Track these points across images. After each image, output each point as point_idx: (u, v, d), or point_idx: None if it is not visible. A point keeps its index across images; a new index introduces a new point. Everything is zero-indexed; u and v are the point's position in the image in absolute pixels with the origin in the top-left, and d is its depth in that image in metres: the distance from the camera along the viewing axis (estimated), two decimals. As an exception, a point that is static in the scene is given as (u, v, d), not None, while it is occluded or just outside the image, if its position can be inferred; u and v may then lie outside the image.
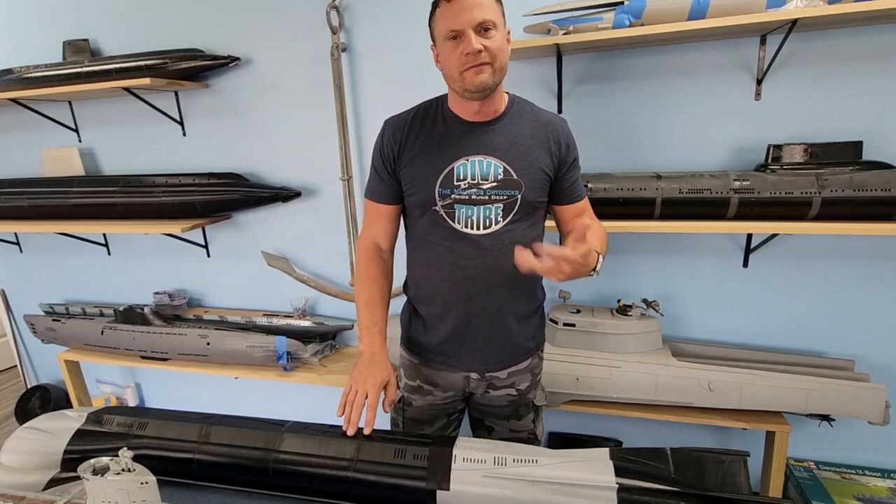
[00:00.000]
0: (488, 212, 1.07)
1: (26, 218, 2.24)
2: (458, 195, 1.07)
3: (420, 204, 1.10)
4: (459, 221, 1.08)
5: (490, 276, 1.10)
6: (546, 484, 0.88)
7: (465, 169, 1.07)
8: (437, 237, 1.11)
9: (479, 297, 1.12)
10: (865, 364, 1.65)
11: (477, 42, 0.96)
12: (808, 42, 1.50)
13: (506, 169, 1.07)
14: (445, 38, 0.99)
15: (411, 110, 1.15)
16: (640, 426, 1.91)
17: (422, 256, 1.16)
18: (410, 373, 1.26)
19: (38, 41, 2.22)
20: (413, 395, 1.25)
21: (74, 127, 2.31)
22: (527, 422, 1.27)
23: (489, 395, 1.23)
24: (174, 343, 2.09)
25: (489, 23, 0.97)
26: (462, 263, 1.10)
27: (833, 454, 1.77)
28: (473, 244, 1.09)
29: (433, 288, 1.15)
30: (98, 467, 0.82)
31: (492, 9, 0.98)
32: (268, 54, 1.98)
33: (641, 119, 1.68)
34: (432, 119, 1.12)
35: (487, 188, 1.06)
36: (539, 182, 1.09)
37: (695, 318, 1.81)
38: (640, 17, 1.47)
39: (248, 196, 2.04)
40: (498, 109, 1.09)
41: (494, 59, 0.99)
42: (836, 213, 1.43)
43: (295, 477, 0.97)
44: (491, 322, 1.14)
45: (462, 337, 1.16)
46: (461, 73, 1.00)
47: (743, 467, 0.89)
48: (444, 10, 0.99)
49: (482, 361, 1.18)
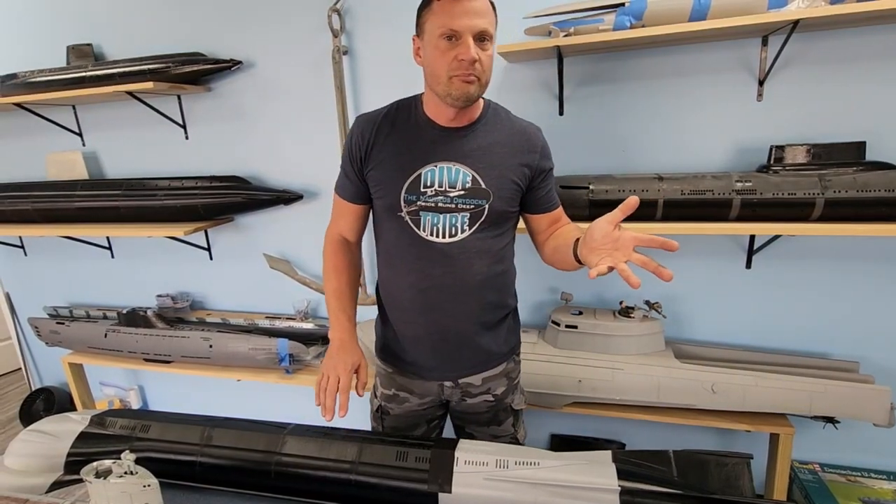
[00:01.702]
0: (454, 220, 1.04)
1: (30, 221, 2.25)
2: (423, 202, 1.04)
3: (386, 208, 1.08)
4: (425, 229, 1.05)
5: (457, 285, 1.08)
6: (548, 487, 0.88)
7: (433, 175, 1.04)
8: (403, 243, 1.08)
9: (447, 304, 1.09)
10: (870, 365, 1.64)
11: (475, 51, 0.93)
12: (810, 42, 1.49)
13: (474, 177, 1.04)
14: (440, 36, 0.94)
15: (383, 109, 1.11)
16: (642, 428, 1.90)
17: (389, 262, 1.14)
18: (385, 381, 1.24)
19: (42, 46, 2.23)
20: (390, 405, 1.24)
21: (78, 131, 2.33)
22: (507, 426, 1.26)
23: (466, 403, 1.21)
24: (177, 345, 2.10)
25: (487, 34, 0.95)
26: (428, 271, 1.07)
27: (838, 456, 1.76)
28: (439, 252, 1.06)
29: (401, 294, 1.13)
30: (101, 470, 0.82)
31: (492, 20, 0.96)
32: (270, 58, 1.99)
33: (643, 120, 1.68)
34: (405, 120, 1.08)
35: (454, 196, 1.03)
36: (509, 192, 1.06)
37: (697, 319, 1.80)
38: (640, 19, 1.47)
39: (250, 199, 2.05)
40: (473, 116, 1.07)
41: (483, 75, 0.97)
42: (840, 213, 1.42)
43: (297, 479, 0.97)
44: (460, 330, 1.12)
45: (432, 345, 1.14)
46: (450, 78, 0.96)
47: (746, 470, 0.89)
48: (445, 5, 0.93)
49: (453, 369, 1.17)
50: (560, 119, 1.74)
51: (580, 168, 1.75)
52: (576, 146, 1.75)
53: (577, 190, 1.56)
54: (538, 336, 1.80)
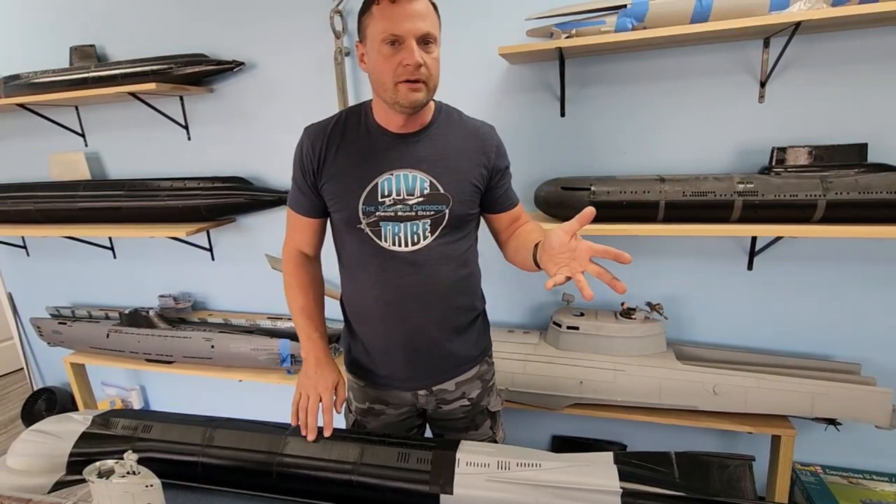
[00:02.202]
0: (416, 227, 1.03)
1: (33, 222, 2.26)
2: (382, 212, 1.02)
3: (344, 221, 1.05)
4: (386, 239, 1.03)
5: (423, 293, 1.06)
6: (549, 488, 0.88)
7: (390, 184, 1.02)
8: (366, 255, 1.06)
9: (414, 314, 1.08)
10: (872, 367, 1.64)
11: (419, 55, 0.91)
12: (811, 44, 1.50)
13: (432, 183, 1.02)
14: (382, 42, 0.92)
15: (332, 118, 1.08)
16: (644, 430, 1.90)
17: (353, 276, 1.12)
18: (359, 395, 1.22)
19: (45, 47, 2.24)
20: (366, 418, 1.22)
21: (81, 131, 2.33)
22: (485, 430, 1.24)
23: (442, 411, 1.20)
24: (179, 346, 2.10)
25: (431, 37, 0.93)
26: (394, 282, 1.05)
27: (840, 458, 1.76)
28: (403, 261, 1.04)
29: (367, 307, 1.11)
30: (103, 470, 0.82)
31: (434, 22, 0.94)
32: (272, 59, 2.00)
33: (644, 122, 1.68)
34: (355, 129, 1.05)
35: (413, 203, 1.02)
36: (468, 195, 1.05)
37: (699, 321, 1.80)
38: (642, 21, 1.48)
39: (252, 199, 2.05)
40: (424, 121, 1.05)
41: (430, 79, 0.95)
42: (842, 215, 1.42)
43: (298, 480, 0.97)
44: (431, 338, 1.10)
45: (404, 356, 1.12)
46: (395, 84, 0.93)
47: (748, 472, 0.89)
48: (385, 10, 0.90)
49: (427, 377, 1.15)
50: (562, 120, 1.74)
51: (582, 169, 1.75)
52: (577, 147, 1.75)
53: (578, 191, 1.56)
54: (539, 337, 1.80)
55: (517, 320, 1.99)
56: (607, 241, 1.87)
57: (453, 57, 1.80)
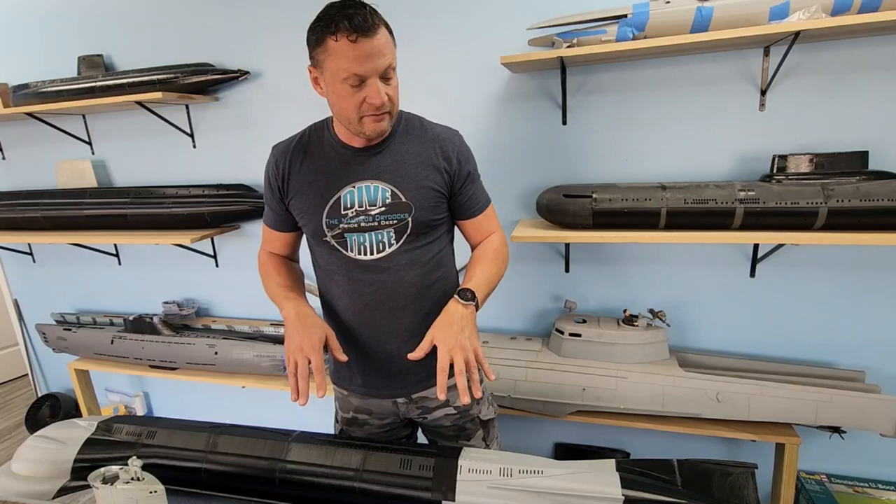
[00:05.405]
0: (380, 236, 1.04)
1: (40, 229, 2.28)
2: (346, 224, 1.03)
3: (311, 234, 1.09)
4: (352, 249, 1.05)
5: (392, 299, 1.07)
6: (552, 495, 0.88)
7: (353, 196, 1.03)
8: (335, 266, 1.08)
9: (384, 321, 1.09)
10: (876, 375, 1.64)
11: (383, 93, 0.92)
12: (811, 53, 1.51)
13: (393, 192, 1.03)
14: (342, 80, 0.90)
15: (296, 136, 1.10)
16: (646, 437, 1.89)
17: (326, 287, 1.14)
18: (343, 405, 1.23)
19: (53, 57, 2.28)
20: (351, 428, 1.22)
21: (88, 140, 2.36)
22: (477, 440, 1.21)
23: (428, 420, 1.19)
24: (182, 352, 2.11)
25: (391, 69, 0.93)
26: (362, 290, 1.07)
27: (845, 467, 1.74)
28: (370, 269, 1.06)
29: (339, 317, 1.13)
30: (108, 476, 0.83)
31: (391, 51, 0.93)
32: (277, 68, 2.02)
33: (646, 130, 1.69)
34: (317, 145, 1.07)
35: (376, 214, 1.03)
36: (430, 201, 1.05)
37: (702, 328, 1.80)
38: (643, 30, 1.49)
39: (256, 207, 2.07)
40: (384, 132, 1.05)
41: (393, 108, 0.97)
42: (843, 223, 1.42)
43: (301, 486, 0.98)
44: (401, 345, 1.09)
45: (377, 364, 1.13)
46: (360, 119, 0.95)
47: (751, 480, 0.89)
48: (344, 48, 0.87)
49: (403, 384, 1.15)
50: (563, 129, 1.75)
51: (583, 177, 1.76)
52: (579, 155, 1.76)
53: (580, 199, 1.56)
54: (542, 344, 1.80)
55: (519, 327, 2.00)
56: (609, 248, 1.88)
57: (456, 66, 1.82)
